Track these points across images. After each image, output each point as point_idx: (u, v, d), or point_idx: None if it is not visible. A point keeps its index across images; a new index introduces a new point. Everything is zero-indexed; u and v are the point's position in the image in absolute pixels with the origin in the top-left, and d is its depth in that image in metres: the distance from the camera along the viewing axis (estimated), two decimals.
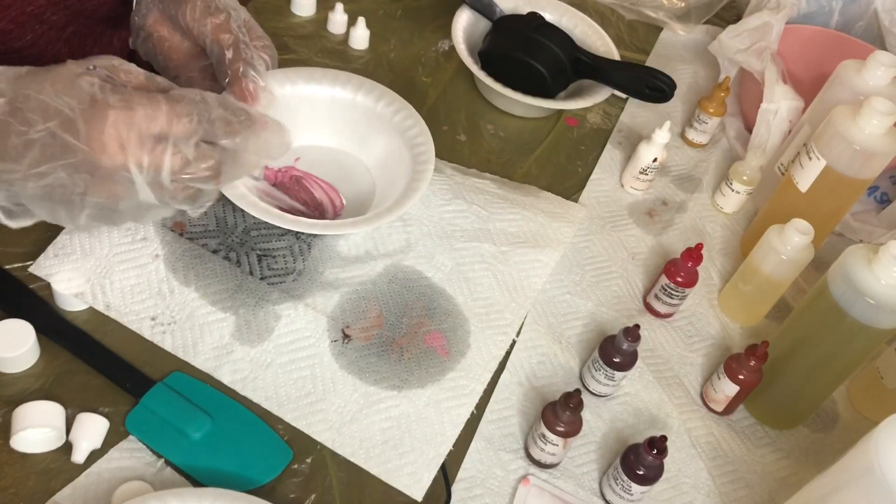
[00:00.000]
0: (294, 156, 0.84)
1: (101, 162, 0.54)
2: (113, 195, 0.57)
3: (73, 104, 0.54)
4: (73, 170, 0.54)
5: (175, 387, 0.67)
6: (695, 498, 0.72)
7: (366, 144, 0.85)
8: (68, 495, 0.61)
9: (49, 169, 0.54)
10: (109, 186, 0.56)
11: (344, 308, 0.75)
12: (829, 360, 0.72)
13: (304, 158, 0.84)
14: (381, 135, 0.84)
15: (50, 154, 0.54)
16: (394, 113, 0.84)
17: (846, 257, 0.68)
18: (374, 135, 0.84)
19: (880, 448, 0.53)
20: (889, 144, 0.77)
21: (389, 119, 0.83)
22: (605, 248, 0.89)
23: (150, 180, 0.57)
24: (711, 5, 1.20)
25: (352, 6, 1.05)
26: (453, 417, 0.71)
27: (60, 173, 0.54)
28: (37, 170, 0.54)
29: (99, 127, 0.54)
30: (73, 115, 0.54)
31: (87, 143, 0.54)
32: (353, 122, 0.85)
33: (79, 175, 0.55)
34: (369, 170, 0.85)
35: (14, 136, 0.53)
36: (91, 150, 0.54)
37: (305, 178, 0.82)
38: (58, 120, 0.54)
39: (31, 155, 0.54)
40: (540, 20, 0.99)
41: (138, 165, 0.56)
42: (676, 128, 1.05)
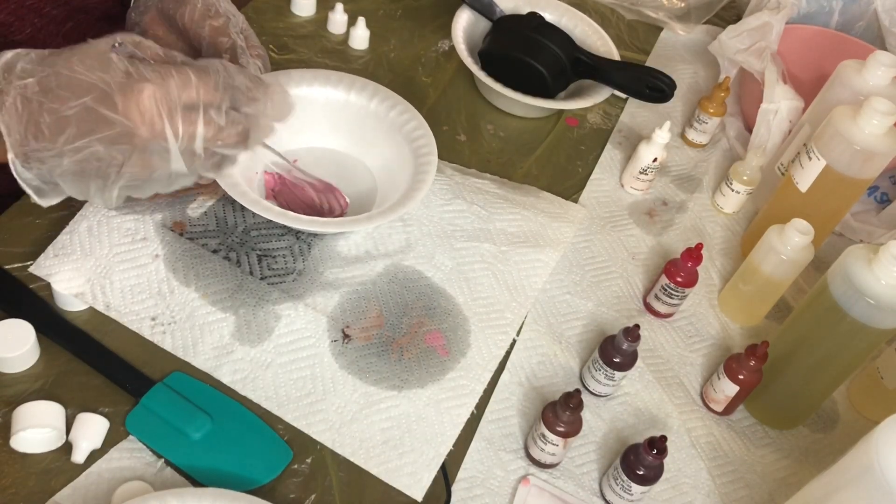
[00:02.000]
0: (292, 158, 0.84)
1: (139, 133, 0.56)
2: (148, 166, 0.58)
3: (107, 79, 0.55)
4: (110, 142, 0.56)
5: (175, 387, 0.67)
6: (695, 498, 0.72)
7: (365, 144, 0.85)
8: (68, 495, 0.61)
9: (86, 143, 0.55)
10: (146, 157, 0.57)
11: (344, 308, 0.75)
12: (829, 360, 0.72)
13: (304, 160, 0.83)
14: (380, 134, 0.84)
15: (86, 129, 0.55)
16: (388, 109, 0.83)
17: (846, 257, 0.68)
18: (373, 134, 0.84)
19: (880, 448, 0.53)
20: (889, 144, 0.77)
21: (386, 116, 0.83)
22: (605, 248, 0.89)
23: (185, 148, 0.58)
24: (711, 5, 1.20)
25: (352, 6, 1.05)
26: (453, 417, 0.71)
27: (97, 147, 0.55)
28: (73, 145, 0.55)
29: (136, 99, 0.55)
30: (108, 90, 0.55)
31: (126, 116, 0.55)
32: (349, 122, 0.85)
33: (116, 147, 0.56)
34: (370, 169, 0.85)
35: (47, 115, 0.54)
36: (129, 122, 0.55)
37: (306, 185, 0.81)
38: (93, 94, 0.55)
39: (67, 131, 0.55)
40: (540, 20, 0.99)
41: (175, 134, 0.57)
42: (676, 128, 1.05)
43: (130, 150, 0.56)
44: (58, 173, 0.57)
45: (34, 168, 0.57)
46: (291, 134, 0.83)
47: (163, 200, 0.78)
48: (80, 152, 0.55)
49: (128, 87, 0.55)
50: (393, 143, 0.83)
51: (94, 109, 0.55)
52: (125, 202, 0.64)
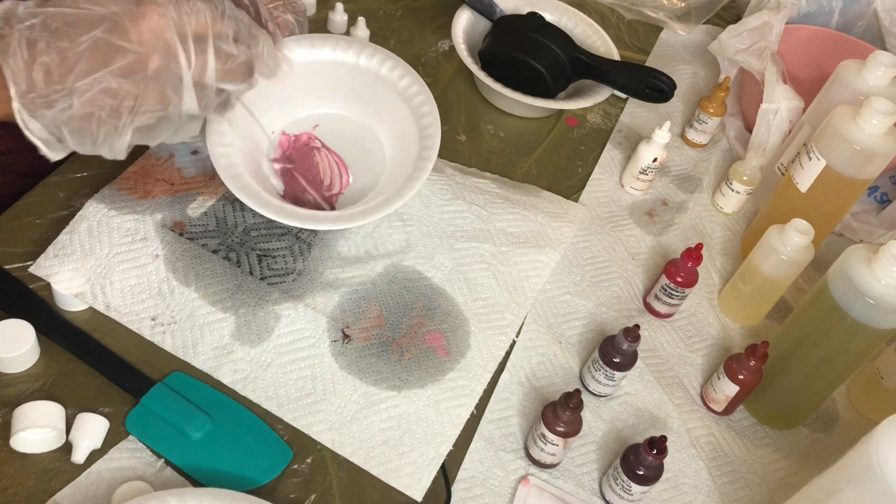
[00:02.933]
0: (313, 122, 0.84)
1: (152, 61, 0.55)
2: (162, 98, 0.57)
3: (116, 9, 0.54)
4: (123, 74, 0.55)
5: (175, 387, 0.67)
6: (695, 498, 0.72)
7: (383, 120, 0.84)
8: (68, 495, 0.61)
9: (98, 78, 0.54)
10: (160, 88, 0.57)
11: (344, 308, 0.75)
12: (829, 360, 0.72)
13: (323, 126, 0.84)
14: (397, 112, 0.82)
15: (99, 61, 0.54)
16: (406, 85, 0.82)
17: (846, 257, 0.68)
18: (391, 111, 0.83)
19: (880, 448, 0.53)
20: (889, 144, 0.77)
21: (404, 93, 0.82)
22: (605, 248, 0.88)
23: (196, 80, 0.58)
24: (711, 5, 1.20)
25: (352, 6, 1.05)
26: (453, 417, 0.71)
27: (110, 81, 0.54)
28: (84, 81, 0.54)
29: (147, 24, 0.55)
30: (118, 19, 0.54)
31: (139, 43, 0.54)
32: (374, 95, 0.83)
33: (130, 78, 0.55)
34: (383, 146, 0.84)
35: (56, 54, 0.53)
36: (142, 49, 0.55)
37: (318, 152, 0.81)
38: (104, 25, 0.54)
39: (77, 68, 0.54)
40: (540, 20, 0.99)
41: (188, 61, 0.57)
42: (676, 128, 1.05)
43: (145, 79, 0.55)
44: (65, 118, 0.55)
45: (40, 116, 0.55)
46: (317, 99, 0.83)
47: (162, 200, 0.78)
48: (91, 89, 0.54)
49: (139, 15, 0.54)
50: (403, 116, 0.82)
51: (105, 41, 0.54)
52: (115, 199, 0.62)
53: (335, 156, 0.82)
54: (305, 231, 0.79)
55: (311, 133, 0.83)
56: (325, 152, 0.82)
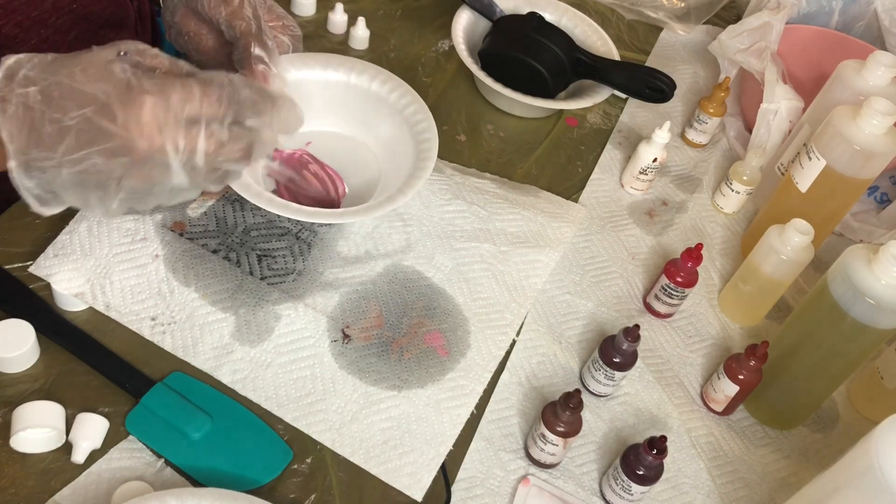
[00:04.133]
0: (306, 140, 0.84)
1: (138, 146, 0.55)
2: (148, 180, 0.57)
3: (108, 90, 0.54)
4: (109, 155, 0.55)
5: (175, 387, 0.67)
6: (695, 498, 0.72)
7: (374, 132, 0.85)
8: (68, 495, 0.61)
9: (85, 155, 0.54)
10: (146, 171, 0.56)
11: (344, 308, 0.75)
12: (829, 360, 0.72)
13: (315, 143, 0.84)
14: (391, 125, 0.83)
15: (86, 140, 0.54)
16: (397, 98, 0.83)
17: (846, 257, 0.68)
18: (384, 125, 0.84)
19: (880, 448, 0.53)
20: (889, 144, 0.77)
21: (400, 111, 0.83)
22: (605, 248, 0.88)
23: (185, 162, 0.57)
24: (711, 5, 1.20)
25: (352, 6, 1.05)
26: (453, 417, 0.71)
27: (96, 159, 0.55)
28: (72, 156, 0.54)
29: (136, 112, 0.54)
30: (108, 101, 0.54)
31: (125, 128, 0.54)
32: (365, 110, 0.84)
33: (115, 160, 0.55)
34: (377, 158, 0.85)
35: (48, 124, 0.54)
36: (128, 135, 0.54)
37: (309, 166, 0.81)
38: (93, 106, 0.54)
39: (66, 142, 0.54)
40: (540, 20, 0.99)
41: (175, 148, 0.56)
42: (676, 128, 1.05)
43: (129, 163, 0.55)
44: (58, 183, 0.56)
45: (35, 177, 0.56)
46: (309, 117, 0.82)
47: None
48: (79, 164, 0.55)
49: (128, 99, 0.54)
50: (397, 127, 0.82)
51: (93, 121, 0.54)
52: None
53: (329, 169, 0.82)
54: (305, 231, 0.79)
55: (304, 150, 0.83)
56: (317, 167, 0.82)
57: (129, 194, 0.58)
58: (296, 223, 0.80)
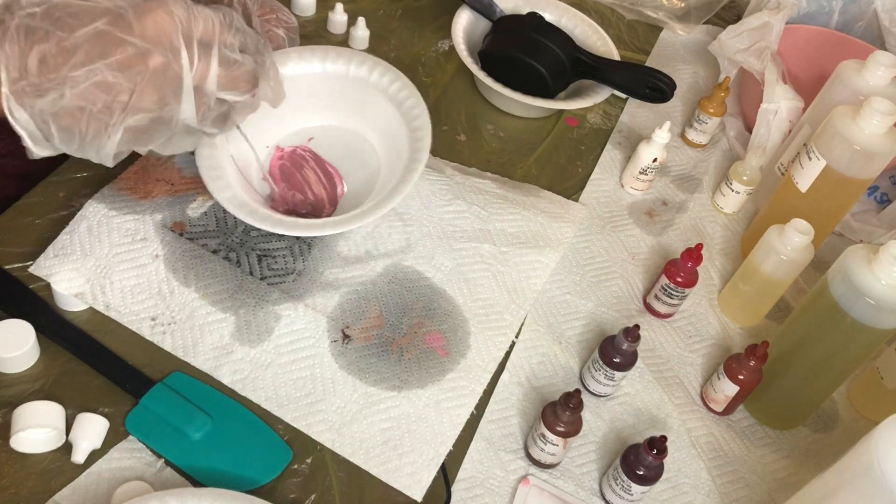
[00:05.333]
0: (308, 136, 0.84)
1: (153, 57, 0.53)
2: (159, 99, 0.55)
3: (121, 3, 0.53)
4: (121, 67, 0.53)
5: (175, 387, 0.67)
6: (695, 498, 0.72)
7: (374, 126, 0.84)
8: (68, 495, 0.61)
9: (93, 70, 0.52)
10: (159, 87, 0.55)
11: (344, 308, 0.75)
12: (829, 360, 0.72)
13: (317, 139, 0.84)
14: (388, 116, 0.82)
15: (97, 53, 0.52)
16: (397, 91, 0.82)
17: (846, 257, 0.68)
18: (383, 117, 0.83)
19: (880, 448, 0.53)
20: (889, 144, 0.77)
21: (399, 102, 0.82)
22: (605, 248, 0.88)
23: (197, 85, 0.56)
24: (711, 5, 1.20)
25: (352, 6, 1.05)
26: (453, 418, 0.71)
27: (105, 73, 0.52)
28: (80, 71, 0.52)
29: (152, 21, 0.53)
30: (123, 12, 0.52)
31: (142, 36, 0.53)
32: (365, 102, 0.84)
33: (126, 73, 0.53)
34: (377, 152, 0.84)
35: (53, 42, 0.52)
36: (143, 44, 0.53)
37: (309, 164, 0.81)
38: (107, 18, 0.52)
39: (74, 58, 0.52)
40: (540, 20, 0.99)
41: (190, 62, 0.55)
42: (676, 128, 1.05)
43: (143, 74, 0.53)
44: (55, 110, 0.53)
45: (28, 106, 0.53)
46: (310, 112, 0.83)
47: (162, 200, 0.78)
48: (86, 80, 0.52)
49: (145, 10, 0.53)
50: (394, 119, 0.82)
51: (106, 33, 0.52)
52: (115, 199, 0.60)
53: (329, 166, 0.82)
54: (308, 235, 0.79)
55: (306, 146, 0.83)
56: (316, 165, 0.82)
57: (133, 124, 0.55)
58: None
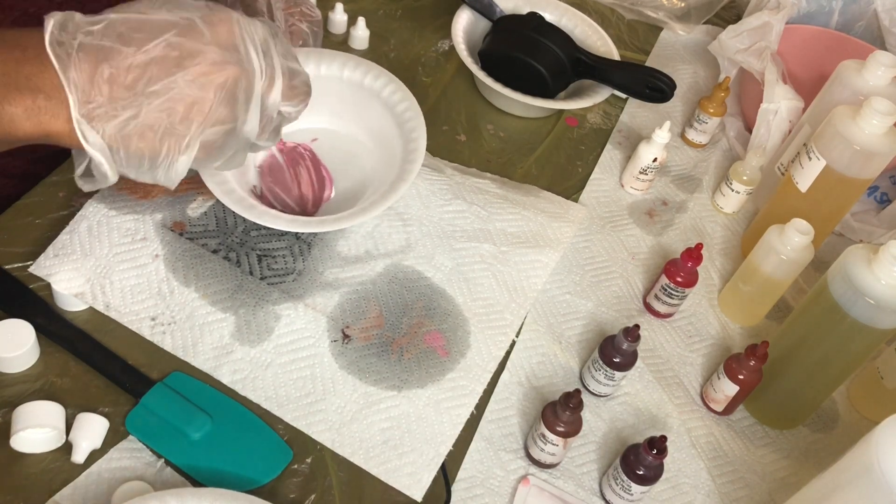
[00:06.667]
0: (312, 136, 0.84)
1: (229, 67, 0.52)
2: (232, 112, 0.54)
3: (187, 14, 0.52)
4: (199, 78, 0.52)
5: (175, 387, 0.67)
6: (695, 498, 0.72)
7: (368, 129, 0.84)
8: (68, 495, 0.61)
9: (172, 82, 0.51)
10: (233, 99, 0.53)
11: (344, 308, 0.75)
12: (829, 360, 0.72)
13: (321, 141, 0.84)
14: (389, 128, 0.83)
15: (171, 65, 0.51)
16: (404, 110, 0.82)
17: (846, 257, 0.68)
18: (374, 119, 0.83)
19: (880, 448, 0.53)
20: (889, 144, 0.77)
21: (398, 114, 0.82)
22: (605, 248, 0.88)
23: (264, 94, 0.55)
24: (711, 5, 1.20)
25: (352, 6, 1.05)
26: (453, 417, 0.71)
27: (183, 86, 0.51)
28: (156, 86, 0.50)
29: (224, 29, 0.52)
30: (191, 24, 0.52)
31: (217, 45, 0.52)
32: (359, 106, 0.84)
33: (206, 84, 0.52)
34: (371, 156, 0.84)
35: (122, 60, 0.50)
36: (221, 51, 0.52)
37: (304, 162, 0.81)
38: (176, 30, 0.51)
39: (148, 73, 0.50)
40: (540, 20, 0.99)
41: (260, 71, 0.54)
42: (676, 128, 1.05)
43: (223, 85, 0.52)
44: (126, 132, 0.51)
45: (100, 130, 0.51)
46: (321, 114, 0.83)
47: (162, 200, 0.78)
48: (165, 93, 0.50)
49: (214, 20, 0.52)
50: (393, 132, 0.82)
51: (179, 44, 0.51)
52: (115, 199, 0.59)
53: (324, 169, 0.82)
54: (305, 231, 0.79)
55: (308, 145, 0.83)
56: (312, 165, 0.82)
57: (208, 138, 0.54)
58: None
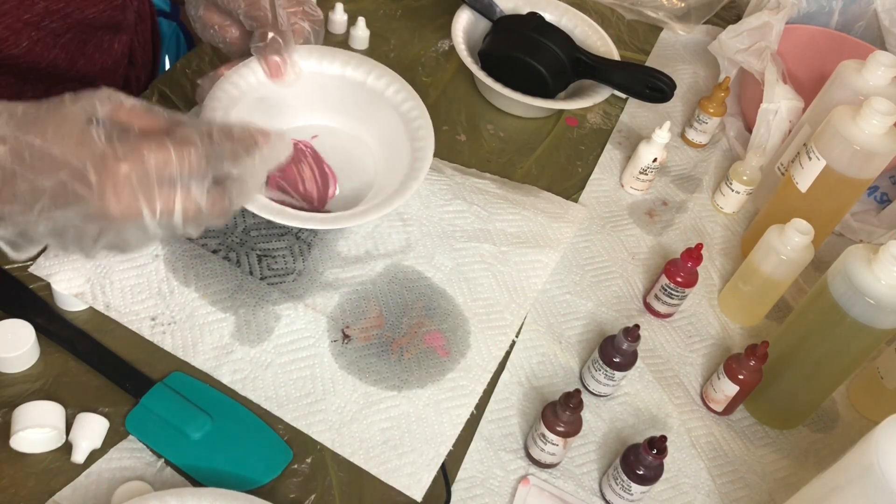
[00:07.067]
0: (312, 132, 0.83)
1: (113, 212, 0.53)
2: (123, 240, 0.56)
3: (82, 156, 0.52)
4: (85, 218, 0.54)
5: (175, 387, 0.67)
6: (695, 498, 0.72)
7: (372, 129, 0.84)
8: (68, 495, 0.61)
9: (61, 216, 0.53)
10: (122, 232, 0.55)
11: (344, 308, 0.75)
12: (829, 360, 0.72)
13: (321, 138, 0.84)
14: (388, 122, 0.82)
15: (62, 202, 0.53)
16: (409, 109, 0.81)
17: (846, 257, 0.68)
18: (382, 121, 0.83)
19: (880, 448, 0.53)
20: (889, 144, 0.77)
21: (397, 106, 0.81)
22: (605, 248, 0.89)
23: (162, 223, 0.56)
24: (711, 5, 1.20)
25: (352, 6, 1.05)
26: (453, 417, 0.71)
27: (72, 219, 0.53)
28: (48, 214, 0.53)
29: (111, 180, 0.53)
30: (82, 167, 0.52)
31: (100, 197, 0.53)
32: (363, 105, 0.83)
33: (91, 223, 0.54)
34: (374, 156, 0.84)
35: (22, 182, 0.52)
36: (103, 203, 0.53)
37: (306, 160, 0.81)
38: (67, 170, 0.52)
39: (41, 201, 0.53)
40: (540, 20, 0.99)
41: (151, 212, 0.54)
42: (676, 128, 1.05)
43: (106, 226, 0.54)
44: (33, 233, 0.54)
45: (9, 227, 0.54)
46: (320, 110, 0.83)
47: None
48: (56, 221, 0.53)
49: (102, 168, 0.52)
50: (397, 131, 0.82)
51: (68, 185, 0.52)
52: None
53: (327, 166, 0.82)
54: (305, 231, 0.79)
55: (308, 142, 0.83)
56: (314, 162, 0.82)
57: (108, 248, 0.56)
58: None
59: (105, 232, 0.55)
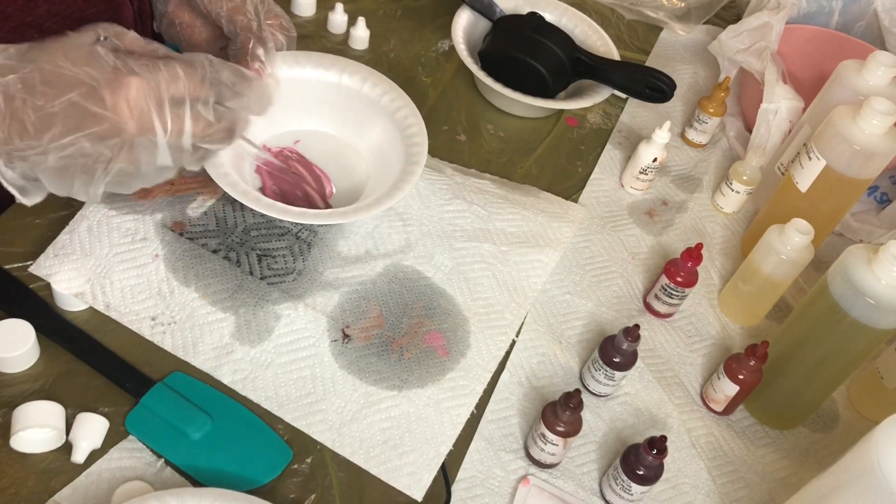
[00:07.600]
0: (294, 138, 0.84)
1: (127, 128, 0.55)
2: (135, 161, 0.57)
3: (94, 74, 0.54)
4: (98, 139, 0.54)
5: (175, 387, 0.67)
6: (695, 498, 0.72)
7: (364, 135, 0.85)
8: (68, 495, 0.61)
9: (73, 140, 0.54)
10: (134, 152, 0.56)
11: (344, 308, 0.75)
12: (829, 360, 0.72)
13: (304, 142, 0.84)
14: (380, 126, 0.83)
15: (73, 124, 0.53)
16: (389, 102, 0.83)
17: (846, 257, 0.68)
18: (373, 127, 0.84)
19: (880, 448, 0.53)
20: (889, 144, 0.77)
21: (391, 113, 0.83)
22: (605, 248, 0.89)
23: (172, 143, 0.57)
24: (711, 5, 1.20)
25: (352, 6, 1.05)
26: (453, 417, 0.71)
27: (84, 143, 0.54)
28: (59, 142, 0.54)
29: (124, 94, 0.54)
30: (96, 84, 0.53)
31: (115, 111, 0.54)
32: (356, 112, 0.84)
33: (104, 143, 0.55)
34: (364, 160, 0.85)
35: (31, 112, 0.53)
36: (118, 118, 0.54)
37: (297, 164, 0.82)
38: (80, 90, 0.53)
39: (53, 129, 0.53)
40: (540, 20, 0.99)
41: (164, 129, 0.56)
42: (676, 128, 1.05)
43: (119, 145, 0.55)
44: (41, 171, 0.55)
45: (17, 167, 0.55)
46: (300, 115, 0.84)
47: (162, 200, 0.78)
48: (66, 149, 0.54)
49: (116, 82, 0.54)
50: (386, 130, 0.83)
51: (81, 105, 0.53)
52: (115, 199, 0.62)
53: (317, 168, 0.82)
54: (305, 231, 0.79)
55: (292, 147, 0.83)
56: (302, 166, 0.82)
57: (115, 177, 0.57)
58: (296, 223, 0.80)
59: (117, 155, 0.56)
